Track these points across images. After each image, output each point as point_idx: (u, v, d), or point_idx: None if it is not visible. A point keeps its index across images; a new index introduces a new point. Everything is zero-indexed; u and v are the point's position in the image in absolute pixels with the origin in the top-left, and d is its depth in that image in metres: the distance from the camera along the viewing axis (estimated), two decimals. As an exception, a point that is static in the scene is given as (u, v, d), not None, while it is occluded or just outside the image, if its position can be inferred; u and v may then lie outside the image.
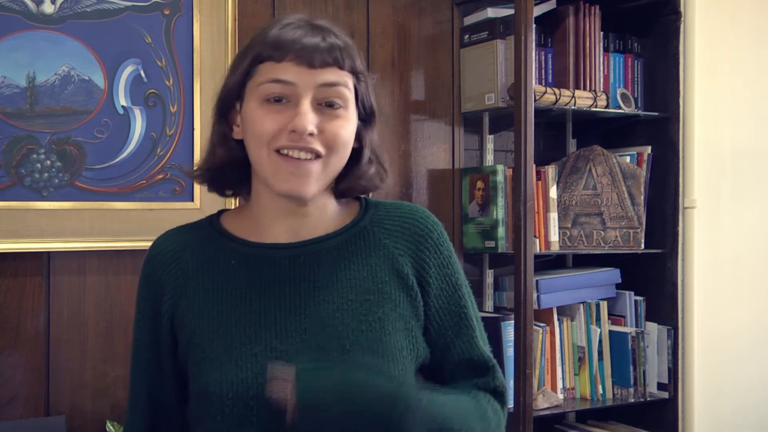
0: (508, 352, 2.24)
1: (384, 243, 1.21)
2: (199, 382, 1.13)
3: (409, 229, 1.22)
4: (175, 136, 2.03)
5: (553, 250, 2.37)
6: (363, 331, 1.13)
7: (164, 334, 1.19)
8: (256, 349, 1.12)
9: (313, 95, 1.11)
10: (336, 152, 1.14)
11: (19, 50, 1.87)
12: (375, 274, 1.18)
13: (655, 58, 2.53)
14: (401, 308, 1.18)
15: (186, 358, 1.17)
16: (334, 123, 1.13)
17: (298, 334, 1.13)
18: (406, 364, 1.15)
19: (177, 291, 1.18)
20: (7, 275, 1.89)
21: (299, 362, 1.06)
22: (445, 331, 1.22)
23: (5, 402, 1.88)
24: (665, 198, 2.50)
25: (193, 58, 2.04)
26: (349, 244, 1.20)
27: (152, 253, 1.23)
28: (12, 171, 1.87)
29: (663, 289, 2.51)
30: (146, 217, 1.99)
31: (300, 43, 1.11)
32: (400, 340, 1.15)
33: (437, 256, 1.22)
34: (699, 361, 2.53)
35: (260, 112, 1.12)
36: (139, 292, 1.23)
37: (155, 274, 1.21)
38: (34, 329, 1.92)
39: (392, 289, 1.18)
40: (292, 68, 1.11)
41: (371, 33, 2.33)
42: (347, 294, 1.16)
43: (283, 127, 1.11)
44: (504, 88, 2.28)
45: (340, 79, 1.13)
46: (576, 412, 2.53)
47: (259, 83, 1.13)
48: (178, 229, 1.25)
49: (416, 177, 2.39)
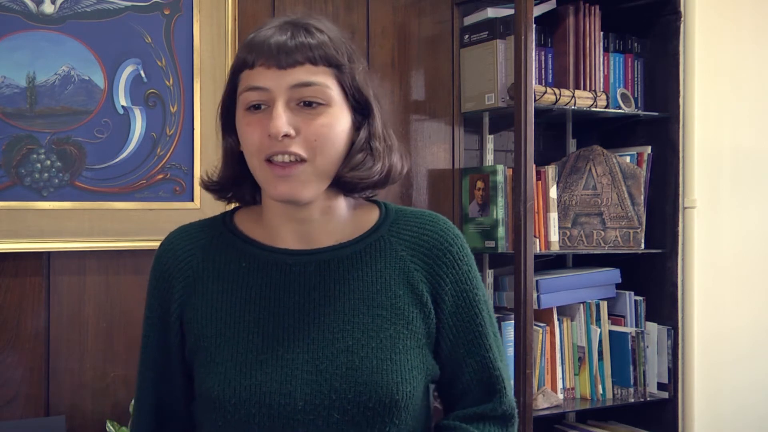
0: (508, 352, 2.24)
1: (401, 255, 1.17)
2: (204, 385, 1.12)
3: (428, 243, 1.18)
4: (175, 136, 2.03)
5: (553, 250, 2.37)
6: (373, 348, 1.10)
7: (173, 333, 1.18)
8: (261, 357, 1.10)
9: (288, 97, 1.09)
10: (321, 153, 1.10)
11: (19, 50, 1.87)
12: (389, 288, 1.15)
13: (655, 58, 2.53)
14: (414, 325, 1.14)
15: (193, 358, 1.16)
16: (313, 123, 1.09)
17: (306, 343, 1.11)
18: (416, 384, 1.13)
19: (186, 290, 1.17)
20: (7, 275, 1.89)
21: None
22: (458, 349, 1.18)
23: (5, 402, 1.88)
24: (665, 198, 2.50)
25: (193, 58, 2.04)
26: (364, 254, 1.16)
27: (163, 250, 1.21)
28: (12, 171, 1.87)
29: (663, 289, 2.51)
30: (146, 217, 1.99)
31: (267, 45, 1.09)
32: (411, 359, 1.12)
33: (454, 273, 1.18)
34: (699, 361, 2.53)
35: (244, 122, 1.11)
36: (150, 289, 1.21)
37: (166, 271, 1.19)
38: (34, 329, 1.91)
39: (405, 304, 1.15)
40: (263, 72, 1.09)
41: (371, 33, 2.33)
42: (359, 306, 1.13)
43: (264, 135, 1.09)
44: (504, 88, 2.28)
45: (314, 78, 1.09)
46: (576, 412, 2.53)
47: (240, 92, 1.12)
48: (191, 226, 1.23)
49: (416, 177, 2.39)
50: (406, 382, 1.10)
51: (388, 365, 1.10)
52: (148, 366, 1.21)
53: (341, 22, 2.27)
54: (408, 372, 1.11)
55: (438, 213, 1.24)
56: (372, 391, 1.08)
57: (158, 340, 1.19)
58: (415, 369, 1.13)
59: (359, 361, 1.09)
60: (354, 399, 1.08)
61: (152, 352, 1.20)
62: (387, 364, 1.10)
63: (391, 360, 1.10)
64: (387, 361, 1.10)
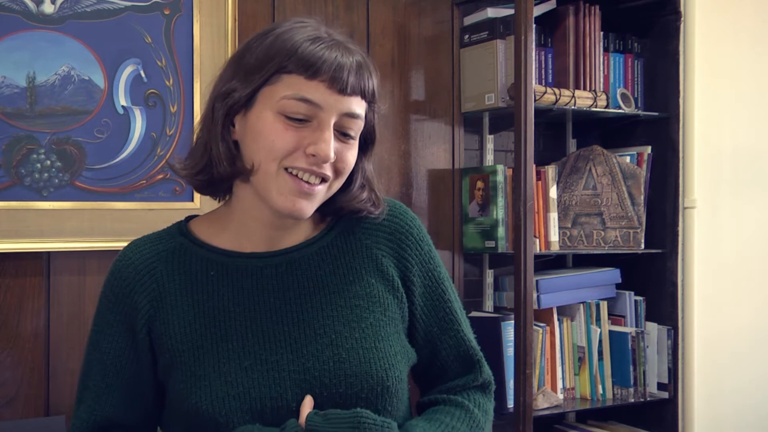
0: (508, 352, 2.24)
1: (365, 244, 1.19)
2: (188, 401, 1.09)
3: (389, 228, 1.21)
4: (175, 136, 2.03)
5: (553, 250, 2.37)
6: (357, 338, 1.12)
7: (143, 349, 1.13)
8: (245, 363, 1.09)
9: (336, 122, 1.08)
10: (341, 178, 1.13)
11: (19, 50, 1.87)
12: (361, 278, 1.16)
13: (655, 58, 2.53)
14: (390, 311, 1.17)
15: (167, 376, 1.13)
16: (346, 152, 1.11)
17: (289, 344, 1.10)
18: (402, 368, 1.15)
19: (153, 305, 1.13)
20: (7, 275, 1.89)
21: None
22: (432, 328, 1.21)
23: (5, 402, 1.88)
24: (665, 198, 2.50)
25: (193, 58, 2.04)
26: (331, 248, 1.18)
27: (121, 265, 1.16)
28: (12, 171, 1.87)
29: (663, 289, 2.51)
30: (146, 217, 1.99)
31: (334, 64, 1.07)
32: (393, 344, 1.14)
33: (418, 254, 1.21)
34: (699, 361, 2.53)
35: (278, 126, 1.07)
36: (107, 305, 1.16)
37: (126, 287, 1.14)
38: (34, 329, 1.91)
39: (379, 292, 1.17)
40: (322, 90, 1.07)
41: (371, 33, 2.33)
42: (335, 300, 1.14)
43: (299, 147, 1.07)
44: (504, 88, 2.28)
45: (361, 111, 1.11)
46: (576, 412, 2.53)
47: (281, 96, 1.07)
48: (147, 239, 1.19)
49: (416, 177, 2.39)
50: (393, 368, 1.12)
51: (374, 353, 1.11)
52: (102, 380, 1.15)
53: (341, 22, 2.27)
54: (393, 357, 1.13)
55: (393, 199, 1.26)
56: (363, 381, 1.09)
57: (118, 355, 1.14)
58: (399, 354, 1.15)
59: (345, 354, 1.10)
60: (345, 392, 1.09)
61: (110, 367, 1.14)
62: (373, 353, 1.11)
63: (376, 348, 1.12)
64: (372, 349, 1.11)
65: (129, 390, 1.15)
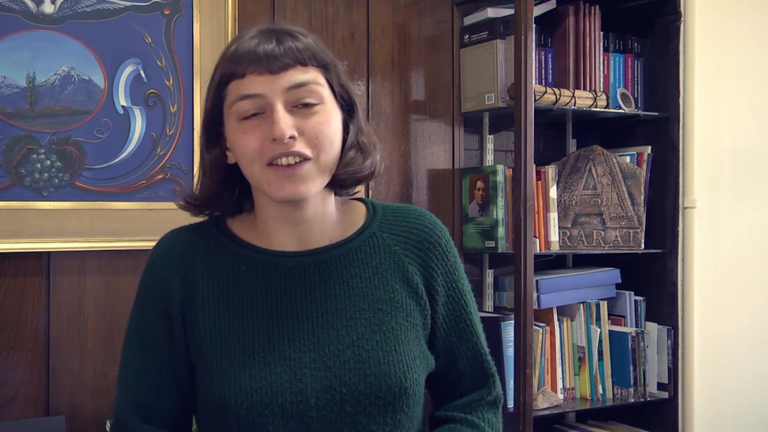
0: (508, 352, 2.24)
1: (394, 250, 1.21)
2: (212, 391, 1.12)
3: (418, 236, 1.23)
4: (175, 136, 2.03)
5: (553, 250, 2.37)
6: (378, 341, 1.14)
7: (177, 332, 1.17)
8: (269, 358, 1.11)
9: (285, 99, 1.10)
10: (323, 150, 1.12)
11: (19, 50, 1.87)
12: (386, 282, 1.19)
13: (655, 58, 2.53)
14: (412, 317, 1.19)
15: (195, 363, 1.16)
16: (312, 121, 1.11)
17: (312, 342, 1.13)
18: (420, 373, 1.17)
19: (187, 293, 1.17)
20: (7, 275, 1.89)
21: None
22: (451, 338, 1.24)
23: (5, 402, 1.88)
24: (665, 198, 2.50)
25: (193, 58, 2.04)
26: (359, 251, 1.20)
27: (159, 253, 1.20)
28: (12, 171, 1.87)
29: (663, 289, 2.51)
30: (146, 217, 1.99)
31: (255, 53, 1.10)
32: (413, 349, 1.17)
33: (444, 264, 1.23)
34: (699, 361, 2.53)
35: (240, 132, 1.12)
36: (145, 291, 1.20)
37: (164, 275, 1.18)
38: (34, 329, 1.91)
39: (403, 298, 1.19)
40: (255, 80, 1.10)
41: (371, 33, 2.33)
42: (359, 303, 1.16)
43: (264, 139, 1.10)
44: (504, 88, 2.28)
45: (307, 78, 1.12)
46: (576, 412, 2.53)
47: (231, 104, 1.12)
48: (185, 229, 1.23)
49: (416, 177, 2.39)
50: (412, 371, 1.14)
51: (394, 356, 1.14)
52: (141, 363, 1.18)
53: (341, 22, 2.27)
54: (412, 361, 1.15)
55: (423, 209, 1.29)
56: (381, 381, 1.12)
57: (157, 339, 1.18)
58: (418, 359, 1.17)
59: (366, 354, 1.13)
60: (365, 390, 1.11)
61: (149, 350, 1.18)
62: (393, 356, 1.13)
63: (396, 351, 1.14)
64: (392, 352, 1.14)
65: (165, 374, 1.18)
